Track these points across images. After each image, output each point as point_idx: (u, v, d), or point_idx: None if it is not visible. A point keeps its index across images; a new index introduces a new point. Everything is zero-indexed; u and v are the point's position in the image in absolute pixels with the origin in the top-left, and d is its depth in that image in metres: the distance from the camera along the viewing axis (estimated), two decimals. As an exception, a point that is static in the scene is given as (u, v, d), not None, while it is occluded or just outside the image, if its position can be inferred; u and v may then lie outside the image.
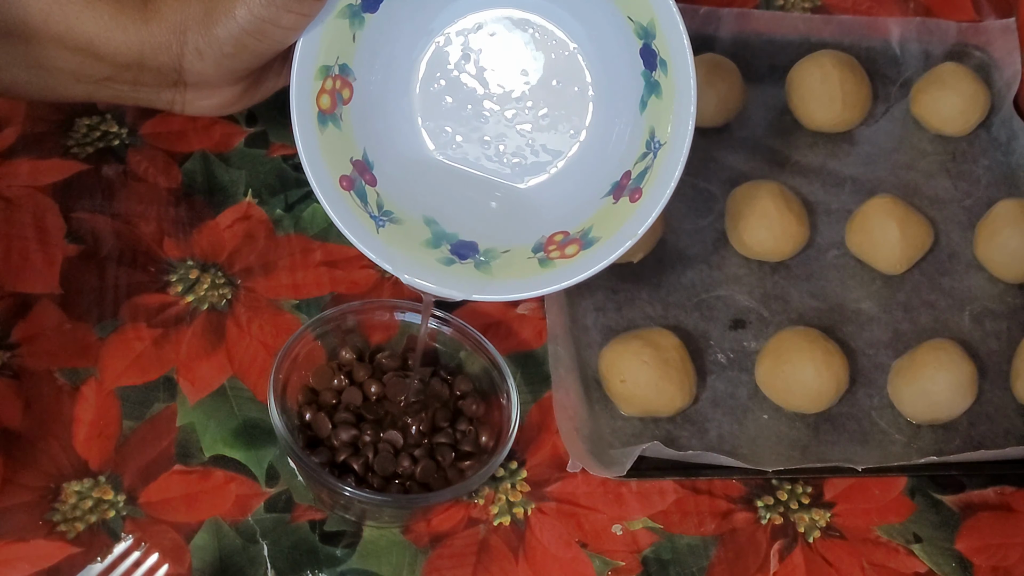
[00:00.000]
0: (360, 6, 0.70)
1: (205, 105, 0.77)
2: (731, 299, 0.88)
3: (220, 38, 0.71)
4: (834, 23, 1.02)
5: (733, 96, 0.96)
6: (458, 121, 0.74)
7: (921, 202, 0.94)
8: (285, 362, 0.75)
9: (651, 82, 0.68)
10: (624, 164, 0.70)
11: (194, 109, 0.77)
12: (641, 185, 0.68)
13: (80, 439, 0.75)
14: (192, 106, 0.77)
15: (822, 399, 0.81)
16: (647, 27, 0.67)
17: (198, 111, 0.77)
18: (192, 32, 0.72)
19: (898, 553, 0.77)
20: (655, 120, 0.68)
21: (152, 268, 0.83)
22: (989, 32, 1.02)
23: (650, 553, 0.75)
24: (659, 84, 0.67)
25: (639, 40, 0.68)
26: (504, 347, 0.80)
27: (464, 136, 0.74)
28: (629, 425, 0.80)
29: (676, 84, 0.66)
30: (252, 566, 0.72)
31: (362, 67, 0.72)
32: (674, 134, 0.67)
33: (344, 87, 0.71)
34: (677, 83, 0.66)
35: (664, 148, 0.67)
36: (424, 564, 0.73)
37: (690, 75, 0.66)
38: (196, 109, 0.77)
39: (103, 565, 0.70)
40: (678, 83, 0.66)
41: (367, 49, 0.72)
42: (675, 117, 0.67)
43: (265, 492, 0.75)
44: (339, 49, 0.71)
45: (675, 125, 0.67)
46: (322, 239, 0.86)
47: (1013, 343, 0.87)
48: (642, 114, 0.69)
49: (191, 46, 0.72)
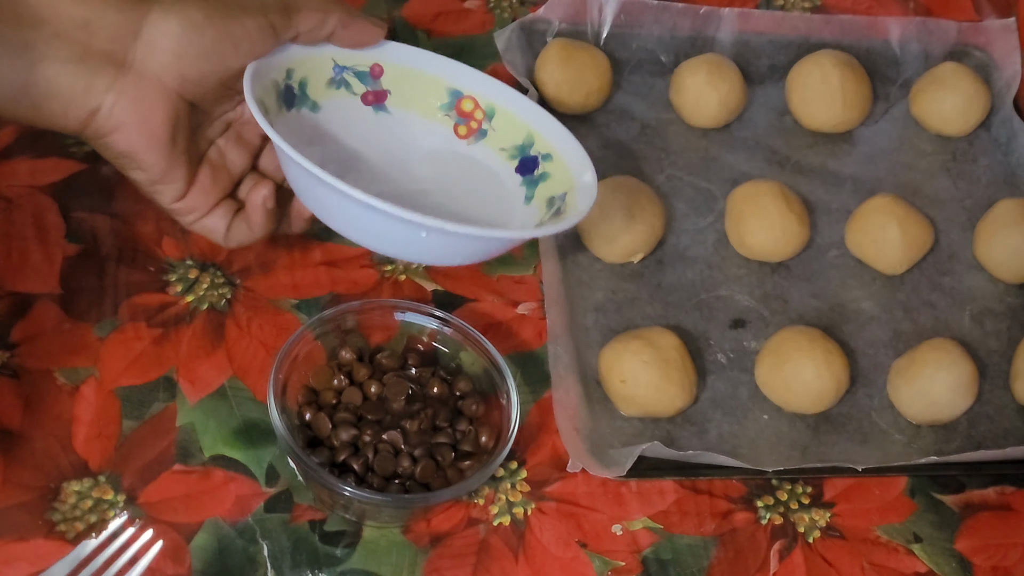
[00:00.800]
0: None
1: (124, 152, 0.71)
2: (731, 299, 0.88)
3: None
4: (834, 23, 1.02)
5: (733, 96, 0.96)
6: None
7: (921, 202, 0.94)
8: (285, 362, 0.75)
9: (532, 180, 0.79)
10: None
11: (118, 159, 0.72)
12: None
13: (80, 439, 0.75)
14: (111, 150, 0.72)
15: (822, 399, 0.81)
16: (522, 144, 0.80)
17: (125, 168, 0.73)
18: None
19: (898, 553, 0.77)
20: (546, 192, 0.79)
21: (152, 268, 0.83)
22: (989, 32, 1.02)
23: (650, 553, 0.75)
24: (544, 172, 0.79)
25: (513, 161, 0.80)
26: (504, 347, 0.80)
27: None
28: (629, 425, 0.80)
29: (564, 157, 0.79)
30: (252, 566, 0.72)
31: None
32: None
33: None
34: (565, 155, 0.79)
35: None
36: (424, 564, 0.73)
37: (577, 146, 0.78)
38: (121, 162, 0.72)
39: (98, 541, 0.69)
40: (566, 154, 0.79)
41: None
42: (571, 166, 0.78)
43: (265, 492, 0.75)
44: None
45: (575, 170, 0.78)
46: (322, 239, 0.86)
47: (1013, 343, 0.87)
48: (529, 204, 0.79)
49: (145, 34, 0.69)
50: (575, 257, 0.88)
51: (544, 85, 0.94)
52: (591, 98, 0.95)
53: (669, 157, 0.95)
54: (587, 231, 0.87)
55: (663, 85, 0.98)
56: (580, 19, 0.99)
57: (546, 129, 0.80)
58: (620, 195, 0.86)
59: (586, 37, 0.98)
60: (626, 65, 1.00)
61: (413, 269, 0.85)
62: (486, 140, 0.81)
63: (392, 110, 0.81)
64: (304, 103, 0.78)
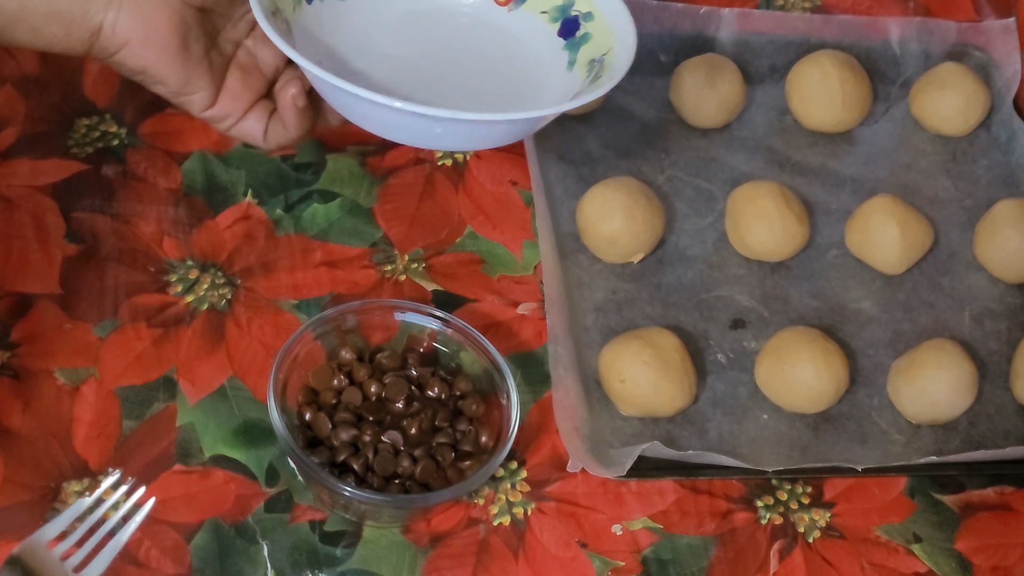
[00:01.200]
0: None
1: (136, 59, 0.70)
2: (731, 299, 0.88)
3: None
4: (834, 23, 1.02)
5: (733, 96, 0.96)
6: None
7: (921, 202, 0.94)
8: (285, 362, 0.75)
9: (575, 42, 0.78)
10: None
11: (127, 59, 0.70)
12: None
13: (80, 439, 0.75)
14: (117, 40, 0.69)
15: (822, 399, 0.81)
16: (563, 4, 0.79)
17: (131, 64, 0.71)
18: None
19: (898, 553, 0.77)
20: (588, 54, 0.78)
21: (152, 268, 0.83)
22: (989, 32, 1.02)
23: (650, 553, 0.75)
24: (586, 33, 0.78)
25: (555, 24, 0.79)
26: (504, 347, 0.80)
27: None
28: (629, 425, 0.80)
29: (605, 14, 0.77)
30: (252, 566, 0.72)
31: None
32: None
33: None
34: (606, 12, 0.77)
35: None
36: (424, 564, 0.73)
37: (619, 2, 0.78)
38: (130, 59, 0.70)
39: (92, 499, 0.69)
40: (607, 11, 0.77)
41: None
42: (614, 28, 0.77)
43: (265, 492, 0.75)
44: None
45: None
46: (322, 239, 0.86)
47: (1013, 343, 0.87)
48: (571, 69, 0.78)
49: None
50: (575, 257, 0.88)
51: (544, 85, 0.94)
52: (591, 98, 0.95)
53: (669, 157, 0.95)
54: (587, 231, 0.87)
55: (663, 85, 0.98)
56: (580, 19, 0.99)
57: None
58: (620, 195, 0.86)
59: (586, 37, 0.98)
60: (626, 65, 0.99)
61: (413, 269, 0.85)
62: (526, 4, 0.80)
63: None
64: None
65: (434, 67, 0.79)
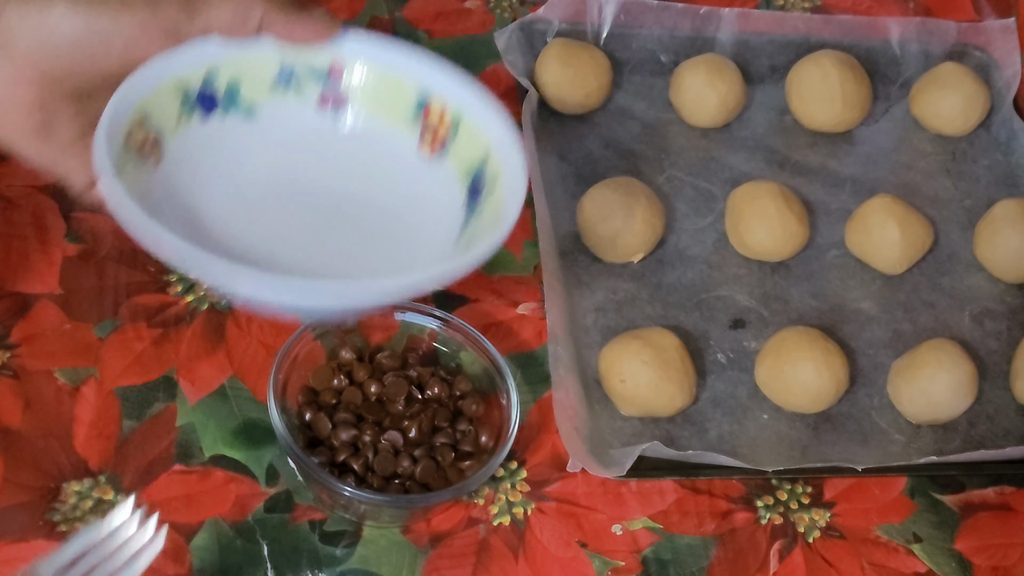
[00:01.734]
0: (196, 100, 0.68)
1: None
2: (731, 299, 0.88)
3: None
4: (834, 23, 1.02)
5: (733, 96, 0.96)
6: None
7: (921, 202, 0.94)
8: (285, 362, 0.75)
9: (474, 204, 0.69)
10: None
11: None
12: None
13: (80, 439, 0.75)
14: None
15: (822, 399, 0.81)
16: (479, 164, 0.69)
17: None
18: None
19: (898, 553, 0.77)
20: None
21: (152, 268, 0.83)
22: (989, 32, 1.02)
23: (650, 553, 0.75)
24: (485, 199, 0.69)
25: (465, 184, 0.70)
26: (504, 347, 0.80)
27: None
28: (629, 425, 0.80)
29: (507, 180, 0.68)
30: (252, 566, 0.72)
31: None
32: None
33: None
34: (508, 177, 0.68)
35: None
36: (424, 564, 0.73)
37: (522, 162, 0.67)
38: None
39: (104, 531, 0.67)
40: (509, 176, 0.68)
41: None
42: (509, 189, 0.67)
43: (265, 492, 0.75)
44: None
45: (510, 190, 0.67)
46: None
47: (1013, 343, 0.87)
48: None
49: None
50: (575, 257, 0.88)
51: (544, 85, 0.94)
52: (591, 98, 0.95)
53: (669, 157, 0.95)
54: (587, 231, 0.87)
55: (663, 85, 0.98)
56: (580, 19, 0.99)
57: (503, 145, 0.69)
58: (620, 195, 0.86)
59: (586, 37, 0.98)
60: (626, 65, 1.00)
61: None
62: (449, 156, 0.71)
63: (351, 116, 0.71)
64: (233, 108, 0.69)
65: (339, 205, 0.71)
